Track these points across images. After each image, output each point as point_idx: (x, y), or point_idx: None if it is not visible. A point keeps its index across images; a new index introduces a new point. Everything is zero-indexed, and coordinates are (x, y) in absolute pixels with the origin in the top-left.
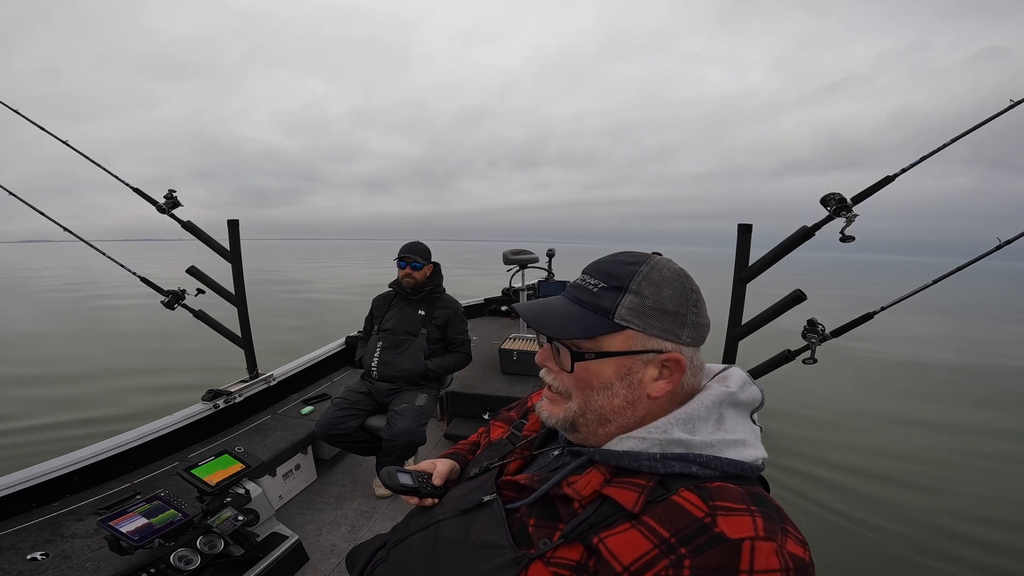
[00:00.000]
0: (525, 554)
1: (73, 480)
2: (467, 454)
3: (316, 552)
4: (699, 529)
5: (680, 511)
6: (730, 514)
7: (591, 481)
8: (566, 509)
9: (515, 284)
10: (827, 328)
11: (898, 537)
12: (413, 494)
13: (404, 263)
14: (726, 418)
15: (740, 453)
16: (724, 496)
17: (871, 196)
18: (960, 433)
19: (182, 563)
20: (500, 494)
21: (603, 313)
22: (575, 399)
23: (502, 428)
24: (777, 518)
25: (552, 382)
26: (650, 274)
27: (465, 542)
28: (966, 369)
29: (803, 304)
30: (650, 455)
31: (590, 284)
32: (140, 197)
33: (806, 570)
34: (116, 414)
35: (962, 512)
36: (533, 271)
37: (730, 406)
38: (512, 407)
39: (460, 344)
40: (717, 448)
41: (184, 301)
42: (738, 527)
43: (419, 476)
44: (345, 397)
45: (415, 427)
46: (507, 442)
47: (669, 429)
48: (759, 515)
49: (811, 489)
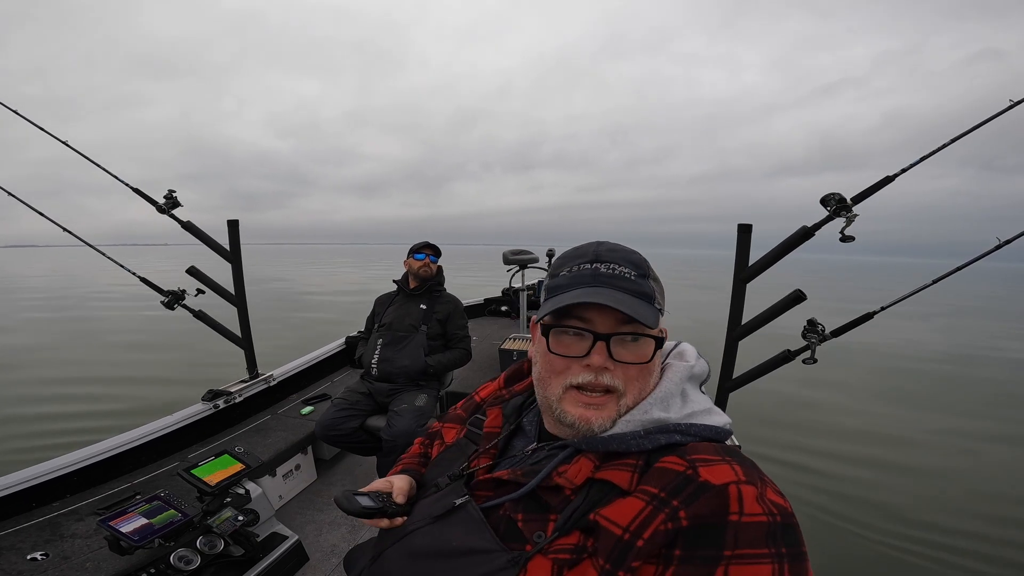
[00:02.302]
0: (521, 553)
1: (73, 480)
2: (418, 467)
3: (316, 552)
4: (684, 480)
5: (664, 471)
6: (709, 464)
7: (582, 469)
8: (556, 498)
9: (515, 284)
10: (827, 328)
11: (887, 532)
12: (380, 515)
13: (422, 255)
14: (688, 392)
15: (711, 419)
16: (700, 450)
17: (871, 196)
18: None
19: (182, 563)
20: (472, 495)
21: (649, 300)
22: (630, 393)
23: (455, 428)
24: (753, 467)
25: (610, 382)
26: (648, 261)
27: (446, 551)
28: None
29: (803, 304)
30: (635, 433)
31: (626, 273)
32: (140, 197)
33: (790, 517)
34: (116, 411)
35: (947, 509)
36: (533, 271)
37: (689, 380)
38: (458, 406)
39: (460, 340)
40: (690, 418)
41: (184, 301)
42: (719, 474)
43: (378, 496)
44: (345, 397)
45: (415, 427)
46: (467, 441)
47: (649, 410)
48: (736, 463)
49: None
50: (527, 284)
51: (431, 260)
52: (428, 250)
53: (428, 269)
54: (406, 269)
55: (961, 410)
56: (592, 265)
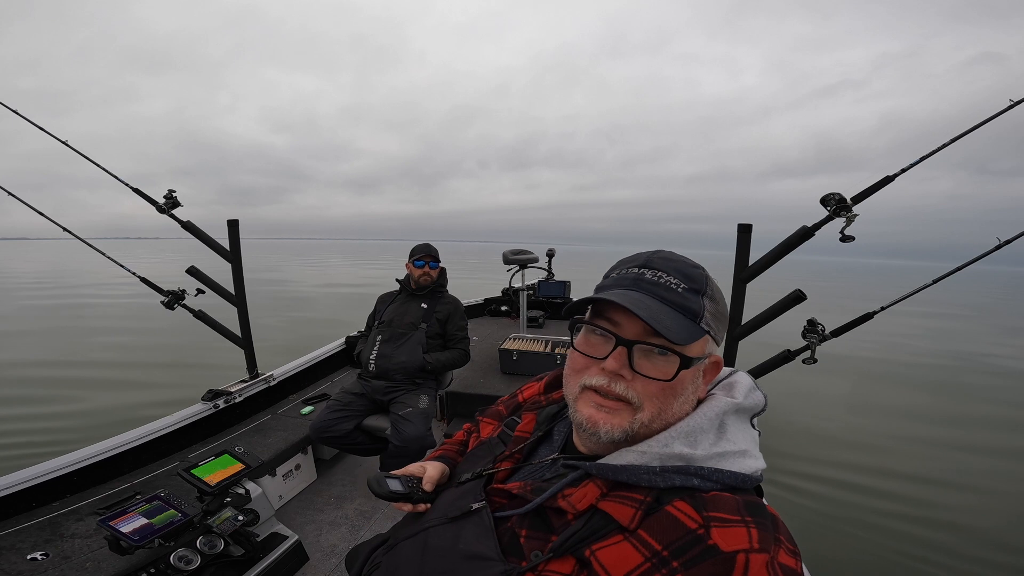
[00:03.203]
0: (515, 567)
1: (73, 480)
2: (455, 456)
3: (316, 552)
4: (692, 541)
5: (673, 522)
6: (725, 525)
7: (587, 494)
8: (559, 520)
9: (515, 284)
10: (827, 328)
11: (888, 534)
12: (405, 500)
13: (422, 262)
14: (728, 427)
15: (740, 464)
16: (719, 506)
17: (870, 196)
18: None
19: (182, 563)
20: (489, 501)
21: (692, 317)
22: (648, 409)
23: (492, 425)
24: (772, 528)
25: (623, 391)
26: (711, 280)
27: (453, 551)
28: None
29: (803, 304)
30: (649, 468)
31: (672, 283)
32: (140, 197)
33: None
34: (117, 410)
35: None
36: (533, 271)
37: (733, 414)
38: (500, 402)
39: (459, 341)
40: (716, 460)
41: (184, 301)
42: (732, 539)
43: (408, 481)
44: (339, 399)
45: (424, 432)
46: (498, 441)
47: (670, 443)
48: (754, 526)
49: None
50: (527, 284)
51: (430, 267)
52: (427, 257)
53: (428, 276)
54: (408, 272)
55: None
56: (639, 270)
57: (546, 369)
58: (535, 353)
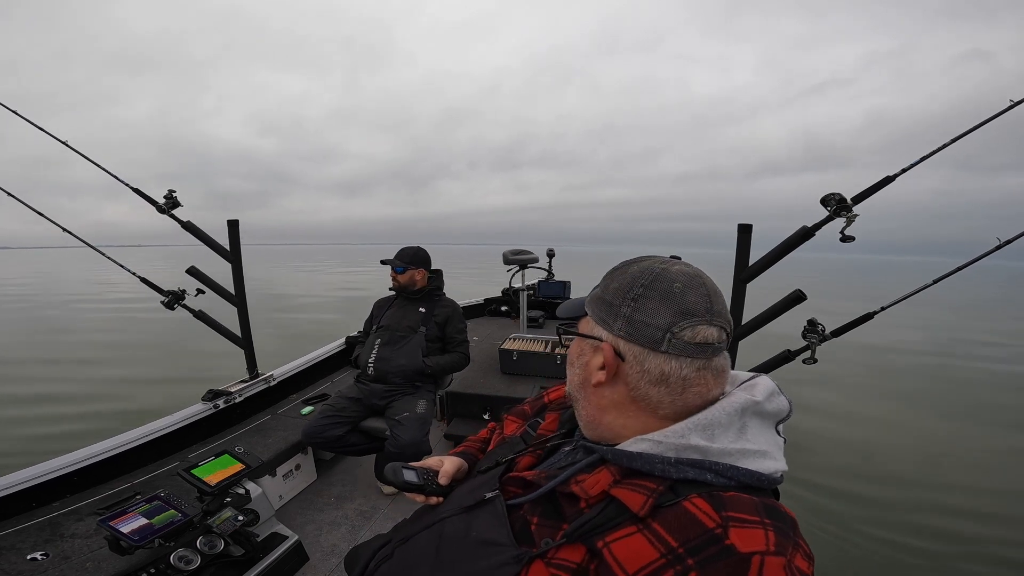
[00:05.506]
0: (526, 552)
1: (73, 480)
2: (477, 452)
3: (316, 552)
4: (709, 540)
5: (690, 519)
6: (743, 526)
7: (600, 480)
8: (571, 508)
9: (515, 284)
10: (827, 328)
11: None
12: (418, 491)
13: (391, 267)
14: (749, 427)
15: (759, 464)
16: (737, 506)
17: (871, 196)
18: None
19: (182, 563)
20: (504, 490)
21: (592, 304)
22: (568, 373)
23: (516, 423)
24: (790, 531)
25: None
26: (621, 268)
27: (466, 539)
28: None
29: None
30: (664, 458)
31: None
32: (140, 197)
33: None
34: (116, 411)
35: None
36: (533, 271)
37: (755, 415)
38: (527, 402)
39: (458, 344)
40: (735, 457)
41: (184, 301)
42: (750, 540)
43: (424, 473)
44: (332, 404)
45: (420, 438)
46: (519, 439)
47: (687, 434)
48: (772, 528)
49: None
50: (527, 284)
51: (396, 271)
52: (393, 260)
53: (396, 282)
54: None
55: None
56: None
57: (546, 370)
58: (535, 353)
